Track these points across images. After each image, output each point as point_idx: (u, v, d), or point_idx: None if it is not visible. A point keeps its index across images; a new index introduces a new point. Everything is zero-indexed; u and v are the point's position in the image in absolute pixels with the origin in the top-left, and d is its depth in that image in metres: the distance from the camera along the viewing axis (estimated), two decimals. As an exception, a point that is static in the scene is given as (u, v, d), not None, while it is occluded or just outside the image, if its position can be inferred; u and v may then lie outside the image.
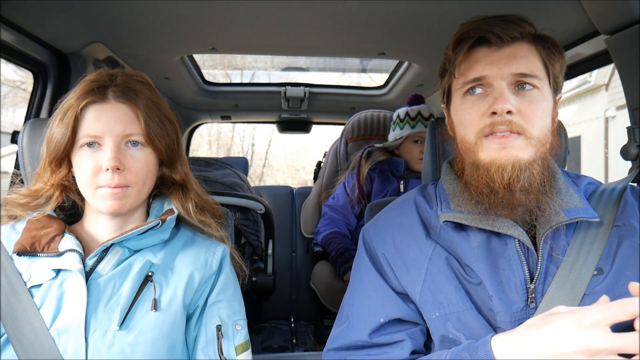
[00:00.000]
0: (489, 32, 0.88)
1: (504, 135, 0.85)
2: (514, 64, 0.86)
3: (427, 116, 2.17)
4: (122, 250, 0.94)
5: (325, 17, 1.57)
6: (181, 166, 1.03)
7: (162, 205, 1.03)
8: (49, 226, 0.95)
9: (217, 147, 13.50)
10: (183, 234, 1.03)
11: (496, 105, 0.85)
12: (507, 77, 0.86)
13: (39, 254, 0.91)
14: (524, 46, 0.89)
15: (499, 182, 0.85)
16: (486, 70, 0.87)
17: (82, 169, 0.92)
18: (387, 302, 0.92)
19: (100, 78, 0.96)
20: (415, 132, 2.15)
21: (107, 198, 0.91)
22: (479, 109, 0.88)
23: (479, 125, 0.87)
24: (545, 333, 0.69)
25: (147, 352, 0.87)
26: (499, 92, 0.86)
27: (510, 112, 0.84)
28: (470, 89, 0.90)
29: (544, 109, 0.87)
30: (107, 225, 0.97)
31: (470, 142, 0.89)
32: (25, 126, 1.16)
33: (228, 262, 1.04)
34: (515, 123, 0.84)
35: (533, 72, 0.87)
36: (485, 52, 0.89)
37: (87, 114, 0.92)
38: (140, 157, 0.94)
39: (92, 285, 0.89)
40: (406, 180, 2.21)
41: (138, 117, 0.94)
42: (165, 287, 0.94)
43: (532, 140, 0.85)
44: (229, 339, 0.97)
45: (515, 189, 0.84)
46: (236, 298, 1.02)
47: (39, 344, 0.83)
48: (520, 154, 0.85)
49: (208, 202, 1.09)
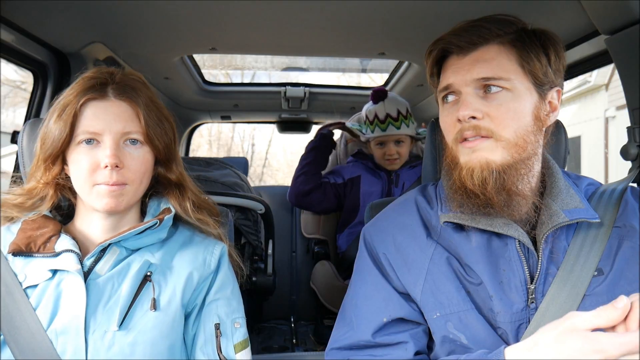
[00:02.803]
0: (451, 43, 0.90)
1: (473, 140, 0.86)
2: (476, 70, 0.87)
3: (396, 116, 2.17)
4: (119, 250, 0.94)
5: (325, 17, 1.57)
6: (176, 166, 1.03)
7: (159, 204, 1.03)
8: (45, 226, 0.94)
9: (217, 147, 13.51)
10: (181, 233, 1.03)
11: (459, 112, 0.86)
12: (471, 83, 0.87)
13: (34, 254, 0.90)
14: (492, 49, 0.88)
15: (470, 184, 0.86)
16: (451, 78, 0.89)
17: (80, 166, 0.91)
18: (390, 302, 0.92)
19: (100, 75, 0.95)
20: (386, 134, 2.17)
21: (104, 196, 0.90)
22: (452, 115, 0.89)
23: (453, 132, 0.89)
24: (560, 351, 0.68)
25: (146, 352, 0.87)
26: (463, 99, 0.87)
27: (474, 117, 0.85)
28: (444, 97, 0.92)
29: (516, 109, 0.86)
30: (101, 224, 0.96)
31: (451, 147, 0.92)
32: (25, 126, 1.16)
33: (226, 261, 1.03)
34: (483, 127, 0.85)
35: (498, 74, 0.86)
36: (453, 61, 0.91)
37: (86, 111, 0.91)
38: (139, 155, 0.94)
39: (90, 286, 0.88)
40: (396, 173, 2.24)
41: (138, 115, 0.93)
42: (164, 286, 0.93)
43: (502, 143, 0.85)
44: (228, 338, 0.96)
45: (489, 191, 0.85)
46: (234, 296, 1.02)
47: (36, 345, 0.83)
48: (490, 156, 0.85)
49: (205, 201, 1.09)
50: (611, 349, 0.64)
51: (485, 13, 0.92)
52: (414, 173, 2.24)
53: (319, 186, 2.24)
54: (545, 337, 0.70)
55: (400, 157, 2.21)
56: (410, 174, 2.25)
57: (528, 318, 0.84)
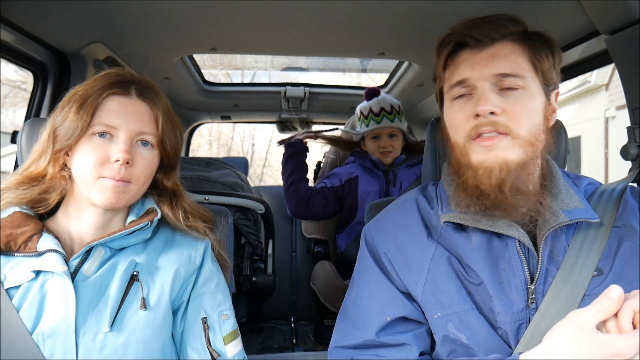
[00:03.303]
0: (468, 36, 0.88)
1: (490, 136, 0.85)
2: (495, 65, 0.86)
3: (390, 110, 2.25)
4: (104, 251, 0.93)
5: (325, 17, 1.57)
6: (174, 174, 1.06)
7: (142, 203, 1.02)
8: (25, 225, 0.90)
9: (217, 147, 13.50)
10: (162, 233, 1.03)
11: (478, 107, 0.85)
12: (489, 78, 0.86)
13: (15, 253, 0.87)
14: (507, 45, 0.88)
15: (487, 184, 0.85)
16: (467, 72, 0.88)
17: (88, 157, 0.90)
18: (393, 301, 0.92)
19: (124, 73, 0.98)
20: (380, 127, 2.24)
21: (107, 190, 0.90)
22: (465, 111, 0.88)
23: (466, 128, 0.88)
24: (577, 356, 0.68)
25: (139, 351, 0.87)
26: (481, 94, 0.86)
27: (493, 112, 0.84)
28: (457, 92, 0.91)
29: (531, 107, 0.86)
30: (92, 221, 0.94)
31: (460, 145, 0.90)
32: (25, 126, 1.16)
33: (210, 255, 1.03)
34: (501, 123, 0.84)
35: (515, 71, 0.86)
36: (467, 55, 0.89)
37: (107, 104, 0.93)
38: (148, 157, 0.96)
39: (78, 287, 0.86)
40: (393, 172, 2.27)
41: (157, 118, 0.96)
42: (152, 285, 0.93)
43: (519, 141, 0.85)
44: (215, 331, 0.96)
45: (505, 190, 0.84)
46: (220, 289, 1.01)
47: (19, 347, 0.80)
48: (508, 155, 0.84)
49: (198, 209, 1.09)
50: (627, 351, 0.64)
51: (485, 13, 0.92)
52: (412, 172, 2.27)
53: (316, 192, 2.25)
54: (558, 342, 0.70)
55: (394, 150, 2.28)
56: (407, 173, 2.27)
57: (528, 318, 0.84)
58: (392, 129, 2.27)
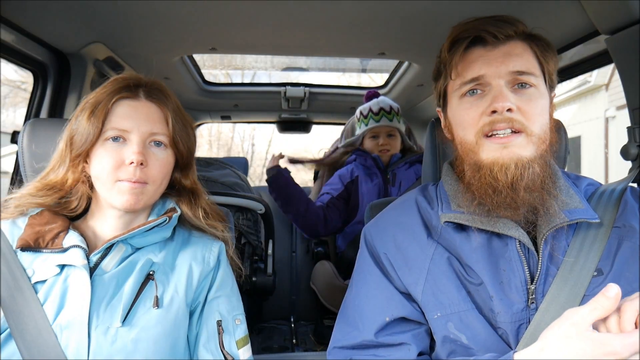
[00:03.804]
0: (484, 32, 0.88)
1: (505, 135, 0.85)
2: (511, 62, 0.86)
3: (389, 110, 2.29)
4: (125, 248, 0.95)
5: (325, 17, 1.57)
6: (192, 173, 1.07)
7: (164, 204, 1.05)
8: (53, 222, 0.95)
9: (217, 147, 13.50)
10: (180, 233, 1.05)
11: (496, 103, 0.85)
12: (505, 76, 0.86)
13: (42, 249, 0.92)
14: (519, 44, 0.89)
15: (503, 181, 0.84)
16: (483, 69, 0.87)
17: (105, 162, 0.93)
18: (392, 301, 0.92)
19: (131, 77, 1.00)
20: (379, 125, 2.28)
21: (125, 192, 0.92)
22: (478, 108, 0.88)
23: (478, 125, 0.87)
24: (571, 355, 0.68)
25: (149, 348, 0.88)
26: (498, 91, 0.86)
27: (510, 109, 0.84)
28: (469, 89, 0.90)
29: (542, 106, 0.88)
30: (114, 223, 0.98)
31: (470, 143, 0.89)
32: (25, 126, 1.16)
33: (225, 258, 1.05)
34: (516, 120, 0.84)
35: (529, 69, 0.87)
36: (481, 52, 0.89)
37: (117, 109, 0.95)
38: (162, 157, 0.97)
39: (95, 282, 0.90)
40: (392, 172, 2.29)
41: (167, 118, 0.98)
42: (167, 285, 0.95)
43: (533, 138, 0.85)
44: (230, 334, 0.98)
45: (519, 188, 0.84)
46: (234, 293, 1.04)
47: (42, 340, 0.84)
48: (522, 152, 0.85)
49: (215, 209, 1.11)
50: (622, 350, 0.64)
51: (486, 13, 0.92)
52: (411, 172, 2.29)
53: (326, 207, 2.26)
54: (552, 341, 0.70)
55: (392, 149, 2.32)
56: (406, 173, 2.29)
57: (528, 318, 0.84)
58: (390, 128, 2.31)
